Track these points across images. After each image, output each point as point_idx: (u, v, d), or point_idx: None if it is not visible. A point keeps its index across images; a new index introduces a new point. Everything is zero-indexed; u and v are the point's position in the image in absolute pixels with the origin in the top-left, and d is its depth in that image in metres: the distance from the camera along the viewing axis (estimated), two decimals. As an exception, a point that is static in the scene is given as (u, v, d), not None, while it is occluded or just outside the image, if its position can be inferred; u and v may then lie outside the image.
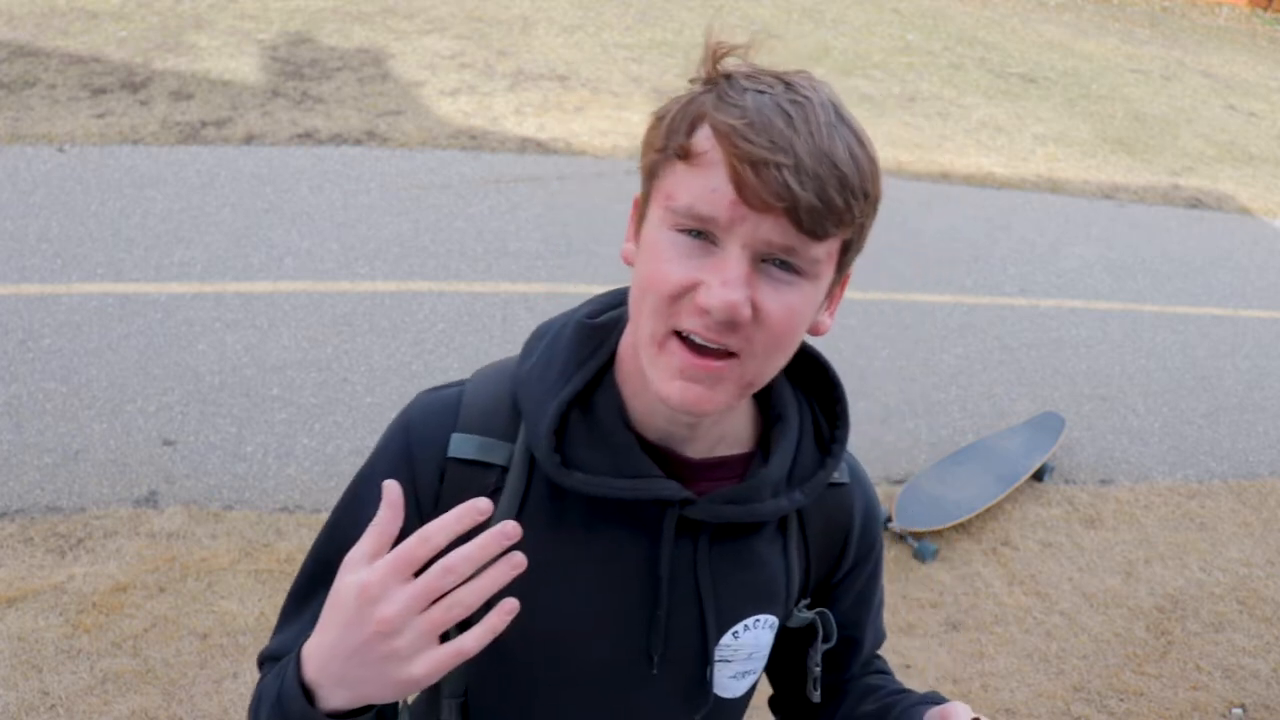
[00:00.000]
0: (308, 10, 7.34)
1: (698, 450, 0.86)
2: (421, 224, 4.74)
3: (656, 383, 0.75)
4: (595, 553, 0.85)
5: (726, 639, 0.89)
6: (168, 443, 3.26)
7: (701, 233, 0.72)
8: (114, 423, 3.29)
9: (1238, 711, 2.90)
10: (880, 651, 1.10)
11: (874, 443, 3.83)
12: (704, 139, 0.71)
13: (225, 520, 2.99)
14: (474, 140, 5.68)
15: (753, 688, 0.97)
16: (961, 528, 3.44)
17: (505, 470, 0.86)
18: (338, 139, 5.44)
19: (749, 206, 0.69)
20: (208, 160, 5.04)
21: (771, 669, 1.04)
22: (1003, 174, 6.75)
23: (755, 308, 0.71)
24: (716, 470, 0.86)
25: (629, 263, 0.80)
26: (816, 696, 0.97)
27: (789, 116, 0.70)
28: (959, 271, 5.28)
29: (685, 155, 0.72)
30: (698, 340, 0.73)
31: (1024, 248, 5.74)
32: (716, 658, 0.89)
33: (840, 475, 0.93)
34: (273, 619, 2.65)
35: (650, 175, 0.77)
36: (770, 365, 0.76)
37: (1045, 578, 3.31)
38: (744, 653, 0.91)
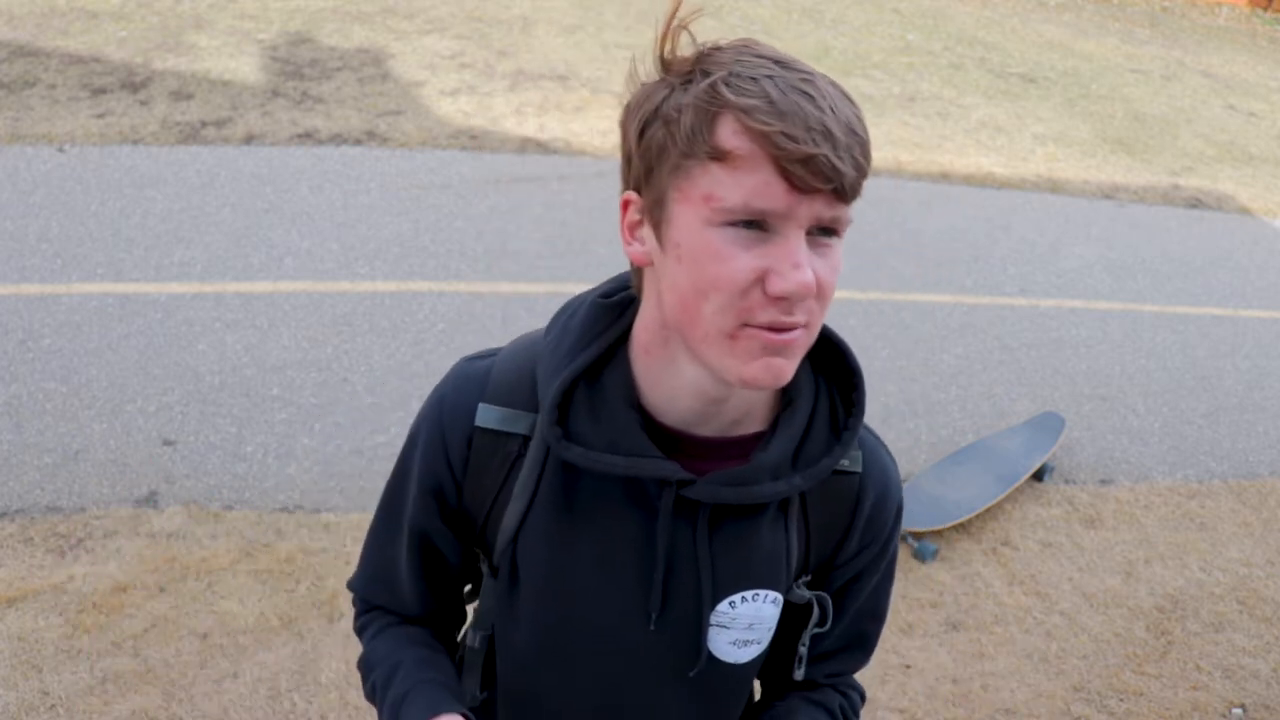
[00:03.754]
0: (308, 10, 7.34)
1: (713, 429, 0.89)
2: (421, 224, 4.74)
3: (735, 370, 0.78)
4: (602, 524, 0.90)
5: (723, 607, 0.93)
6: (168, 443, 3.25)
7: (753, 222, 0.74)
8: (114, 423, 3.29)
9: (1238, 711, 2.90)
10: (881, 651, 1.10)
11: (874, 443, 3.83)
12: (733, 137, 0.73)
13: (225, 520, 2.99)
14: (474, 140, 5.68)
15: (759, 659, 1.00)
16: (961, 528, 3.44)
17: (528, 439, 0.92)
18: (338, 139, 5.44)
19: (803, 194, 0.73)
20: (208, 160, 5.04)
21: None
22: (1003, 174, 6.75)
23: (815, 279, 0.76)
24: (726, 449, 0.89)
25: (642, 263, 0.83)
26: (799, 674, 1.01)
27: (810, 97, 0.72)
28: (959, 271, 5.28)
29: (719, 157, 0.73)
30: (779, 325, 0.76)
31: (1024, 248, 5.74)
32: (712, 622, 0.93)
33: (851, 464, 0.94)
34: (272, 619, 2.65)
35: (673, 173, 0.77)
36: (820, 323, 0.81)
37: (1045, 578, 3.31)
38: (743, 622, 0.94)
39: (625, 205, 0.83)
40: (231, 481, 3.15)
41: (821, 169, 0.71)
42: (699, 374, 0.83)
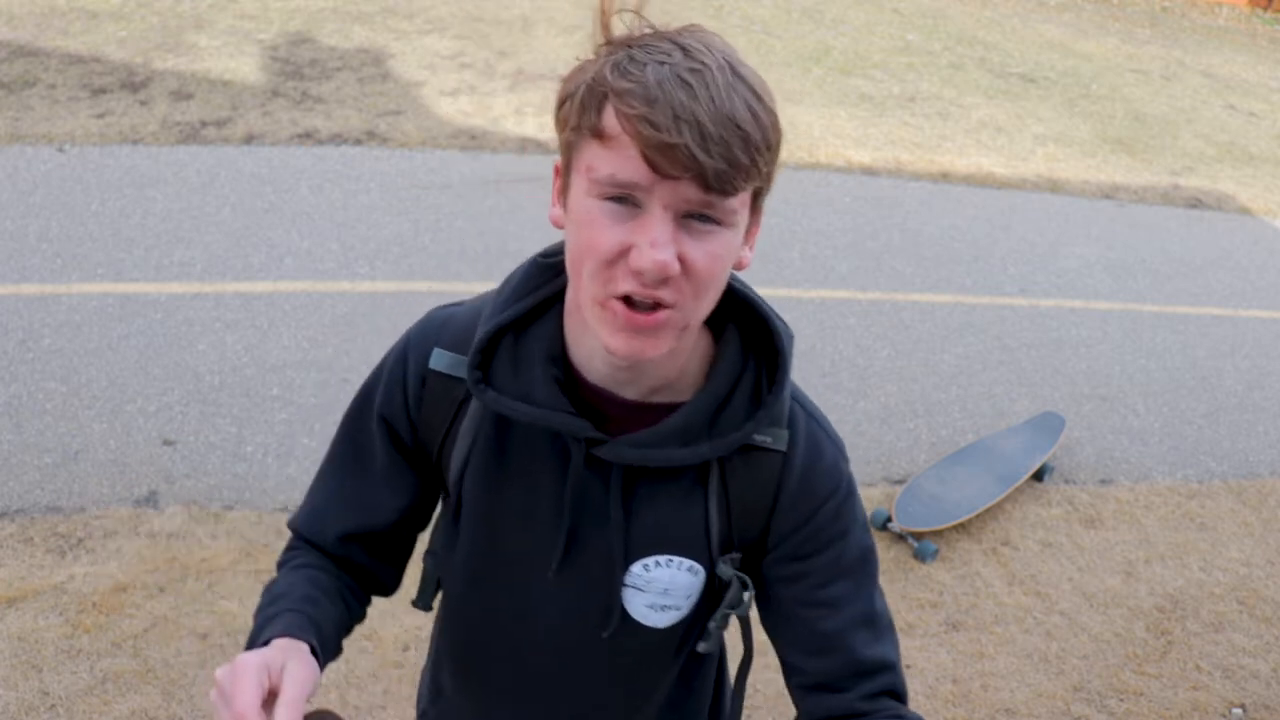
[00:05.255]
0: (308, 10, 7.34)
1: (636, 393, 0.92)
2: (421, 224, 4.74)
3: (603, 336, 0.82)
4: (528, 473, 0.95)
5: (637, 569, 0.96)
6: (168, 443, 3.25)
7: (625, 198, 0.77)
8: (114, 423, 3.29)
9: (1238, 711, 2.90)
10: None
11: (874, 443, 3.84)
12: (613, 119, 0.76)
13: (225, 520, 2.99)
14: (474, 140, 5.68)
15: (678, 627, 1.01)
16: (961, 528, 3.44)
17: None
18: (338, 139, 5.44)
19: (663, 177, 0.75)
20: (208, 160, 5.04)
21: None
22: (1003, 174, 6.75)
23: (682, 260, 0.78)
24: (646, 414, 0.92)
25: (559, 226, 0.87)
26: (701, 647, 1.02)
27: (689, 86, 0.74)
28: (959, 271, 5.28)
29: (599, 135, 0.77)
30: (636, 299, 0.79)
31: (1024, 248, 5.74)
32: (627, 583, 0.97)
33: (775, 442, 0.94)
34: (273, 619, 2.65)
35: (568, 149, 0.83)
36: (701, 306, 0.83)
37: (1045, 578, 3.31)
38: (658, 586, 0.97)
39: (556, 171, 0.87)
40: (231, 481, 3.15)
41: (680, 158, 0.73)
42: None
